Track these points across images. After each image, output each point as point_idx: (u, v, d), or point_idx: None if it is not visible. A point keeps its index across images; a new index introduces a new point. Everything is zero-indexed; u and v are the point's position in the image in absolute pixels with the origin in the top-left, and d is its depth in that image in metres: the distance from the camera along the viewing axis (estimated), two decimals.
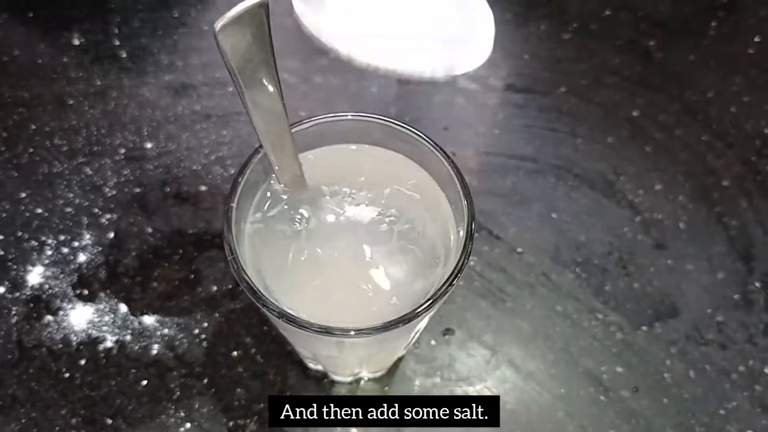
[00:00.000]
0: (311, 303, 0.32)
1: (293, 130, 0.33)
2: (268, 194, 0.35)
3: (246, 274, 0.29)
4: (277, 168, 0.32)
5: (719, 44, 0.67)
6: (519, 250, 0.52)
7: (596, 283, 0.50)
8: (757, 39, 0.67)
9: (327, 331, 0.28)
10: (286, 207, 0.35)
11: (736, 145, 0.59)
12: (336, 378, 0.45)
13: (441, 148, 0.33)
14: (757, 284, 0.51)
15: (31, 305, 0.48)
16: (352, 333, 0.28)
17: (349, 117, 0.34)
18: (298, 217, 0.34)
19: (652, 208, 0.55)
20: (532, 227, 0.53)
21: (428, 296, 0.29)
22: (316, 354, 0.38)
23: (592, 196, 0.55)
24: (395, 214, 0.35)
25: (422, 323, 0.35)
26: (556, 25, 0.68)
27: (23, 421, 0.43)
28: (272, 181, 0.35)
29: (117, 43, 0.63)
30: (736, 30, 0.68)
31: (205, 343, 0.47)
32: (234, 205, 0.31)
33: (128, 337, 0.47)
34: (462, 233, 0.32)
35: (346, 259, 0.33)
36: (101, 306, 0.48)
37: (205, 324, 0.47)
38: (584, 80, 0.63)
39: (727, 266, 0.52)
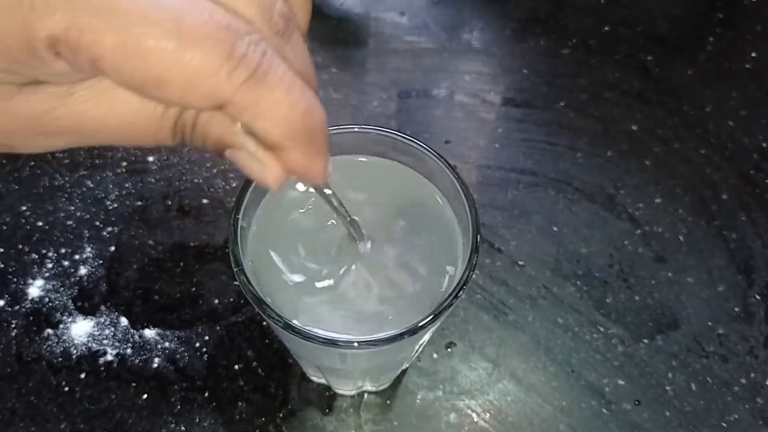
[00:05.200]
0: (315, 315, 0.32)
1: None
2: (273, 207, 0.35)
3: (252, 285, 0.29)
4: None
5: (717, 59, 0.68)
6: (520, 263, 0.52)
7: (597, 296, 0.51)
8: (753, 54, 0.68)
9: (331, 342, 0.29)
10: (290, 219, 0.35)
11: (735, 158, 0.60)
12: (339, 391, 0.45)
13: (446, 161, 0.33)
14: (757, 297, 0.51)
15: (31, 318, 0.48)
16: (356, 345, 0.29)
17: (355, 129, 0.34)
18: (303, 228, 0.35)
19: (652, 221, 0.55)
20: (533, 240, 0.53)
21: (433, 309, 0.29)
22: (320, 366, 0.38)
23: (592, 209, 0.56)
24: (400, 225, 0.35)
25: (426, 336, 0.35)
26: (554, 40, 0.68)
27: None
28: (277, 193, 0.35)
29: None
30: (733, 45, 0.69)
31: (206, 357, 0.46)
32: (240, 216, 0.31)
33: (129, 351, 0.47)
34: (467, 245, 0.32)
35: (350, 271, 0.33)
36: (102, 319, 0.48)
37: (207, 337, 0.47)
38: (583, 95, 0.64)
39: (727, 279, 0.52)
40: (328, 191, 0.29)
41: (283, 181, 0.22)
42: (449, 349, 0.48)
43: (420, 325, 0.29)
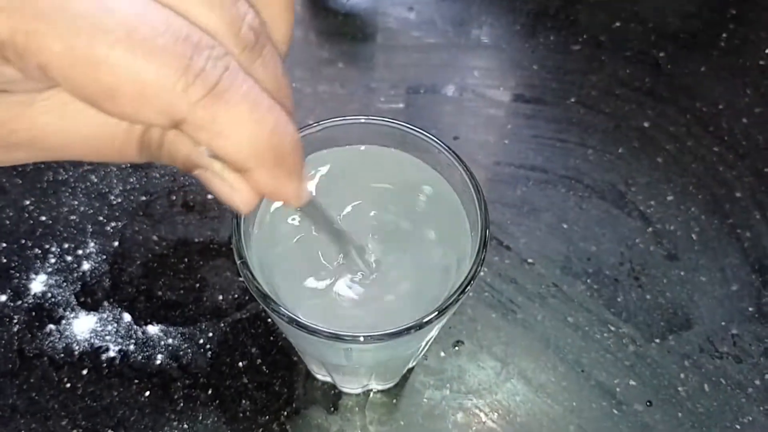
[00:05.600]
0: (321, 309, 0.31)
1: (303, 134, 0.32)
2: (278, 202, 0.34)
3: (255, 279, 0.28)
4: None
5: (730, 56, 0.67)
6: (529, 260, 0.51)
7: (608, 295, 0.50)
8: (767, 51, 0.67)
9: (336, 337, 0.28)
10: (295, 213, 0.34)
11: (748, 156, 0.59)
12: (344, 390, 0.44)
13: (456, 154, 0.33)
14: None
15: (33, 314, 0.47)
16: (362, 339, 0.28)
17: (362, 120, 0.33)
18: (308, 223, 0.34)
19: (664, 219, 0.54)
20: (543, 238, 0.52)
21: (440, 303, 0.29)
22: (325, 363, 0.38)
23: (603, 206, 0.55)
24: (409, 219, 0.34)
25: (433, 332, 0.34)
26: (565, 36, 0.67)
27: None
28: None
29: None
30: (746, 42, 0.68)
31: (209, 354, 0.46)
32: None
33: (132, 347, 0.46)
34: (475, 240, 0.31)
35: (355, 265, 0.33)
36: (105, 315, 0.47)
37: (210, 334, 0.47)
38: (594, 91, 0.63)
39: (741, 278, 0.51)
40: (309, 210, 0.28)
41: (254, 204, 0.21)
42: (457, 348, 0.47)
43: (426, 320, 0.28)
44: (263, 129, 0.18)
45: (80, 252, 0.50)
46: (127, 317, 0.47)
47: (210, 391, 0.44)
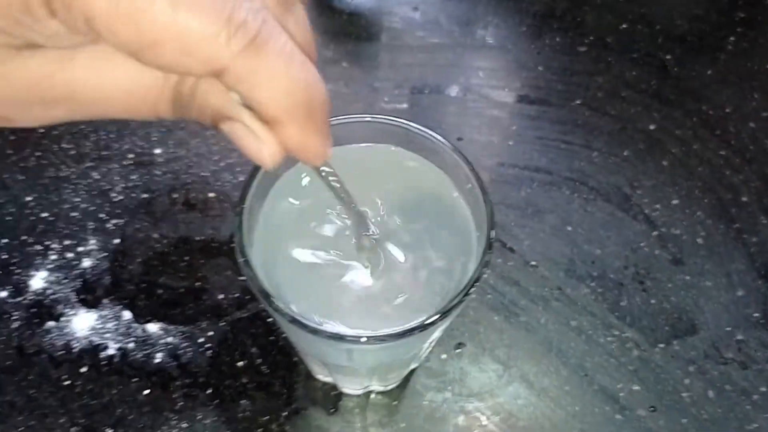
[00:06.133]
0: (322, 310, 0.31)
1: None
2: (280, 198, 0.34)
3: (257, 277, 0.28)
4: None
5: (737, 59, 0.66)
6: (533, 263, 0.51)
7: (612, 298, 0.49)
8: None
9: (338, 337, 0.28)
10: (298, 210, 0.34)
11: (756, 160, 0.58)
12: (345, 390, 0.44)
13: (461, 152, 0.32)
14: None
15: (33, 310, 0.47)
16: (364, 340, 0.27)
17: (367, 118, 0.33)
18: (311, 222, 0.34)
19: (670, 223, 0.53)
20: (547, 240, 0.52)
21: (443, 305, 0.28)
22: (326, 364, 0.37)
23: (607, 209, 0.54)
24: (413, 219, 0.34)
25: (436, 333, 0.34)
26: (571, 37, 0.67)
27: (21, 429, 0.42)
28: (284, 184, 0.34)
29: None
30: (754, 45, 0.67)
31: (209, 353, 0.45)
32: (245, 206, 0.30)
33: (131, 345, 0.46)
34: (480, 241, 0.31)
35: (359, 265, 0.32)
36: (104, 312, 0.47)
37: (210, 333, 0.46)
38: (600, 93, 0.62)
39: (747, 284, 0.51)
40: (330, 177, 0.28)
41: (279, 158, 0.21)
42: (459, 350, 0.46)
43: (429, 321, 0.28)
44: (298, 83, 0.19)
45: (81, 249, 0.50)
46: (127, 315, 0.47)
47: (209, 391, 0.44)
